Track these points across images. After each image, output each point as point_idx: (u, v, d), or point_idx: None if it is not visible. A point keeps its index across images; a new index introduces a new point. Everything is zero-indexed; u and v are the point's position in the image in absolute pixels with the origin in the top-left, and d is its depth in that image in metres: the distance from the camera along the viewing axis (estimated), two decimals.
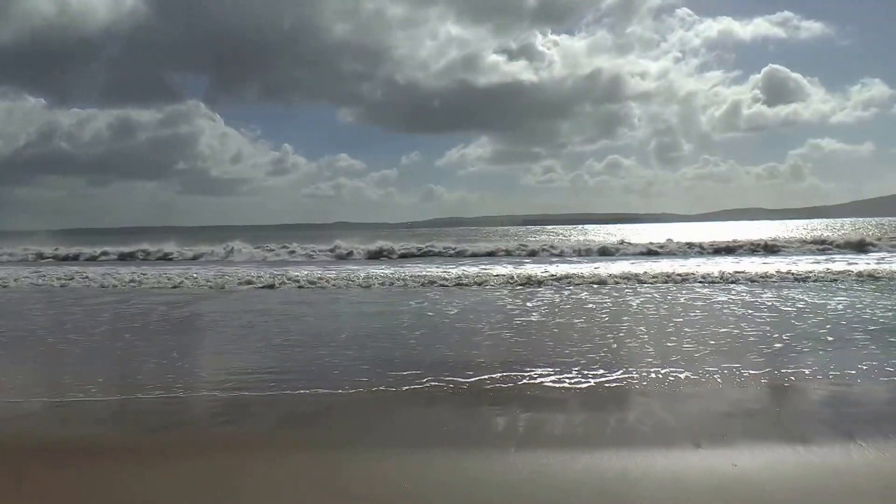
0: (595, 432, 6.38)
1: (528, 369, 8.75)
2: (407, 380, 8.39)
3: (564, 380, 8.21)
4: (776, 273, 20.96)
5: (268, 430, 6.73)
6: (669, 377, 8.23)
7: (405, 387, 8.09)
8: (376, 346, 10.77)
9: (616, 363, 9.07)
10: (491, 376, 8.48)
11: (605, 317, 13.40)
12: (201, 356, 10.72)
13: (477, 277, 21.77)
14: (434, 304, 16.05)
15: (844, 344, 10.12)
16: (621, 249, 36.27)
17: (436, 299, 17.13)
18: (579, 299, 16.45)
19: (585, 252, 36.04)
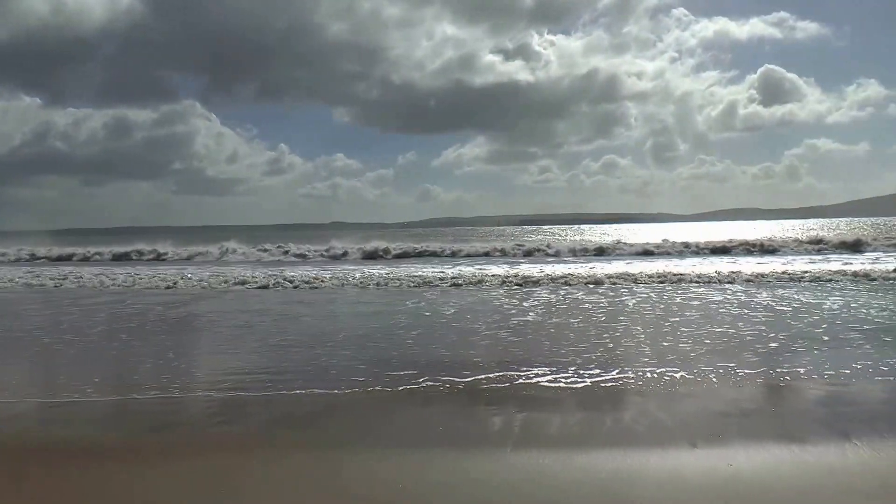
0: (591, 432, 6.39)
1: (525, 369, 8.76)
2: (404, 380, 8.39)
3: (560, 379, 8.22)
4: (772, 273, 21.01)
5: (265, 431, 6.72)
6: (665, 377, 8.25)
7: (402, 387, 8.09)
8: (373, 347, 10.77)
9: (612, 363, 9.08)
10: (487, 376, 8.49)
11: (602, 316, 13.41)
12: (197, 356, 10.70)
13: (473, 277, 21.77)
14: (430, 305, 16.06)
15: (840, 343, 10.15)
16: (617, 249, 36.31)
17: (432, 299, 17.13)
18: (575, 299, 16.46)
19: (581, 252, 36.07)
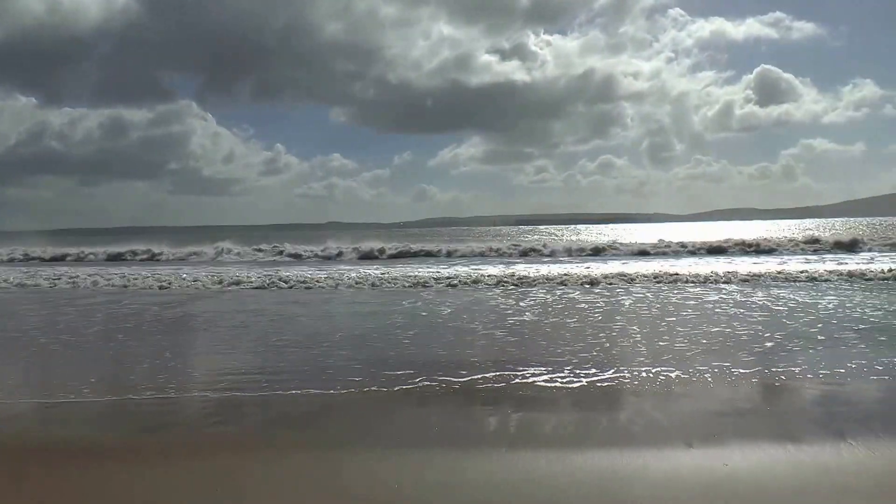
0: (588, 432, 6.40)
1: (521, 369, 8.76)
2: (401, 379, 8.39)
3: (557, 379, 8.23)
4: (767, 273, 21.06)
5: (263, 431, 6.73)
6: (661, 377, 8.26)
7: (399, 387, 8.09)
8: (370, 347, 10.77)
9: (608, 363, 9.09)
10: (484, 376, 8.49)
11: (598, 316, 13.43)
12: (193, 357, 10.69)
13: (469, 277, 21.78)
14: (427, 305, 16.06)
15: (835, 343, 10.18)
16: (613, 249, 36.34)
17: (429, 299, 17.13)
18: (571, 299, 16.48)
19: (577, 252, 36.10)
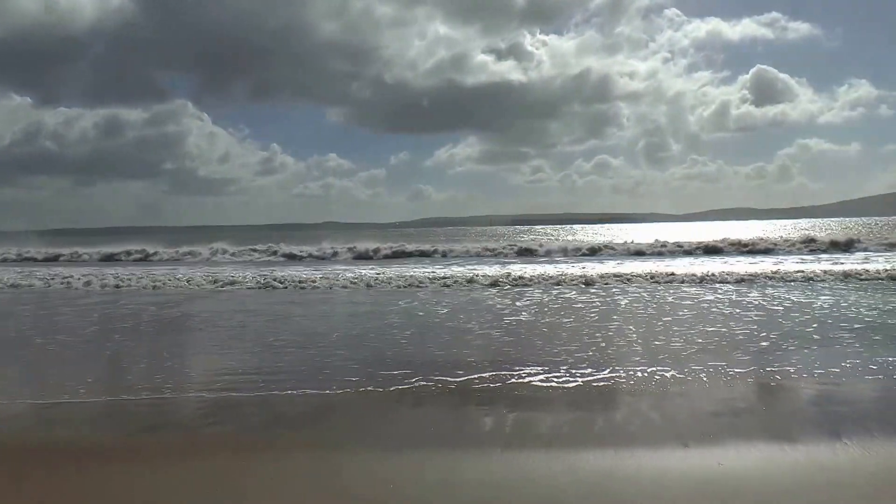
0: (583, 431, 6.41)
1: (517, 368, 8.76)
2: (397, 379, 8.38)
3: (553, 379, 8.23)
4: (763, 272, 21.10)
5: (260, 431, 6.71)
6: (656, 376, 8.27)
7: (396, 387, 8.08)
8: (367, 347, 10.76)
9: (604, 362, 9.10)
10: (480, 375, 8.49)
11: (594, 316, 13.44)
12: (190, 357, 10.66)
13: (465, 277, 21.79)
14: (423, 304, 16.06)
15: (830, 342, 10.20)
16: (609, 249, 36.38)
17: (425, 299, 17.13)
18: (567, 299, 16.49)
19: (574, 252, 36.12)
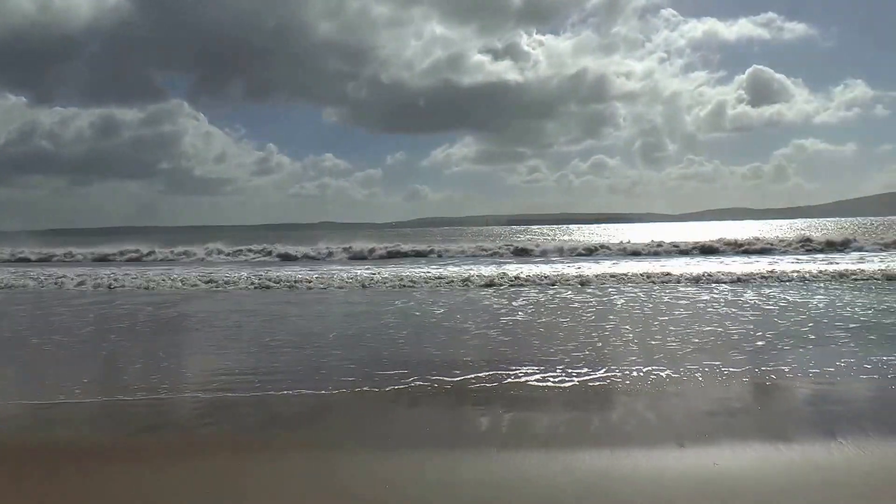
0: (579, 431, 6.41)
1: (514, 368, 8.77)
2: (394, 379, 8.38)
3: (549, 378, 8.24)
4: (759, 272, 21.13)
5: (257, 431, 6.70)
6: (652, 376, 8.28)
7: (393, 387, 8.07)
8: (363, 346, 10.74)
9: (600, 362, 9.11)
10: (477, 375, 8.49)
11: (590, 316, 13.45)
12: (187, 357, 10.65)
13: (462, 277, 21.79)
14: (420, 304, 16.06)
15: (825, 342, 10.23)
16: (605, 249, 36.43)
17: (421, 299, 17.13)
18: (564, 299, 16.51)
19: (570, 252, 36.16)
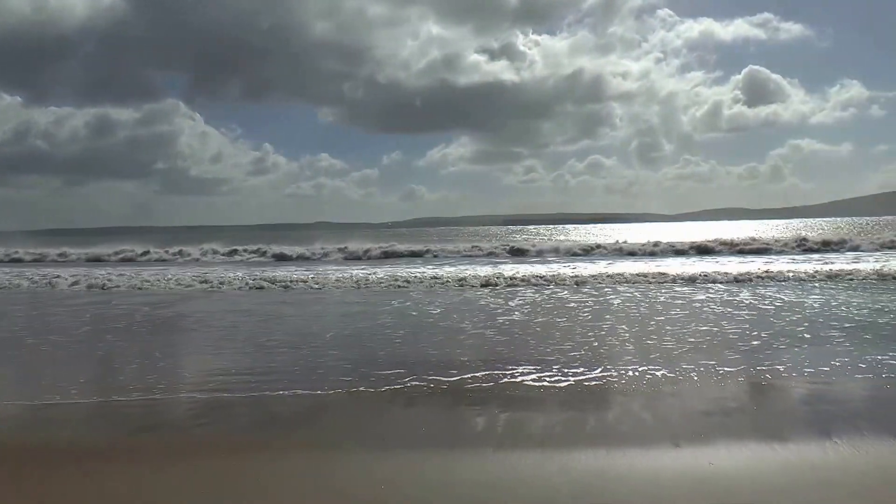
0: (575, 431, 6.41)
1: (510, 368, 8.77)
2: (391, 379, 8.37)
3: (545, 378, 8.24)
4: (755, 272, 21.17)
5: (253, 432, 6.69)
6: (648, 375, 8.29)
7: (389, 387, 8.06)
8: (360, 347, 10.74)
9: (596, 361, 9.11)
10: (473, 375, 8.49)
11: (586, 315, 13.46)
12: (184, 357, 10.63)
13: (458, 277, 21.79)
14: (416, 304, 16.05)
15: (820, 342, 10.25)
16: (601, 249, 36.45)
17: (418, 299, 17.13)
18: (560, 298, 16.51)
19: (566, 252, 36.18)
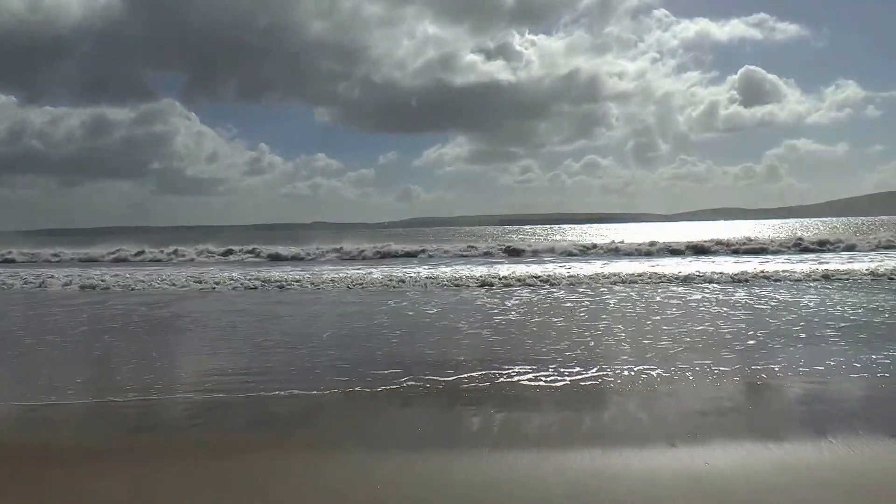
0: (571, 431, 6.41)
1: (507, 367, 8.76)
2: (387, 379, 8.36)
3: (541, 378, 8.24)
4: (751, 272, 21.21)
5: (249, 432, 6.67)
6: (643, 375, 8.29)
7: (386, 387, 8.06)
8: (356, 347, 10.72)
9: (592, 361, 9.11)
10: (470, 374, 8.49)
11: (582, 315, 13.46)
12: (181, 358, 10.60)
13: (455, 277, 21.79)
14: (413, 304, 16.04)
15: (816, 341, 10.27)
16: (598, 249, 36.50)
17: (415, 299, 17.12)
18: (556, 298, 16.52)
19: (563, 252, 36.20)
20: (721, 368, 8.58)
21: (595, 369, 8.65)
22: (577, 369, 8.66)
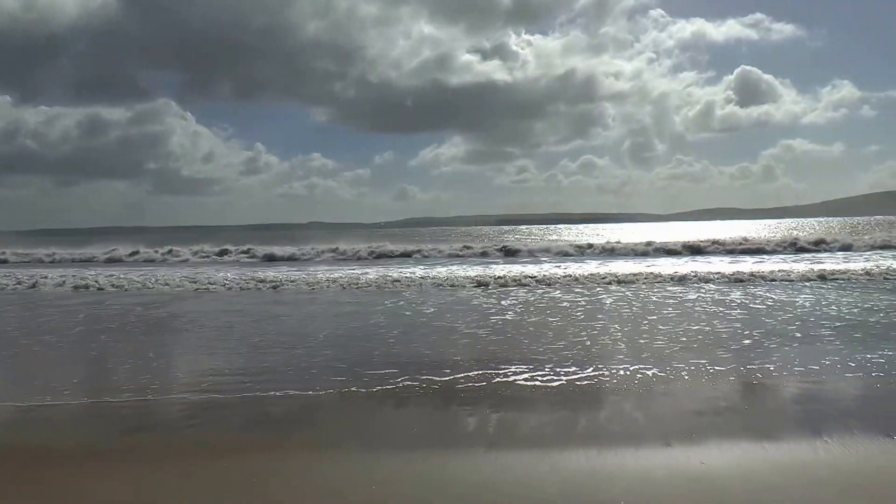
0: (567, 430, 6.43)
1: (503, 367, 8.78)
2: (384, 379, 8.37)
3: (537, 378, 8.26)
4: (747, 272, 21.26)
5: (246, 432, 6.67)
6: (639, 375, 8.31)
7: (383, 387, 8.06)
8: (353, 347, 10.73)
9: (588, 361, 9.13)
10: (467, 374, 8.50)
11: (578, 315, 13.48)
12: (177, 358, 10.59)
13: (451, 277, 21.81)
14: (410, 304, 16.05)
15: (811, 341, 10.30)
16: (594, 249, 36.54)
17: (411, 299, 17.12)
18: (552, 298, 16.54)
19: (559, 252, 36.22)
20: (717, 368, 8.61)
21: (591, 369, 8.67)
22: (573, 369, 8.69)
